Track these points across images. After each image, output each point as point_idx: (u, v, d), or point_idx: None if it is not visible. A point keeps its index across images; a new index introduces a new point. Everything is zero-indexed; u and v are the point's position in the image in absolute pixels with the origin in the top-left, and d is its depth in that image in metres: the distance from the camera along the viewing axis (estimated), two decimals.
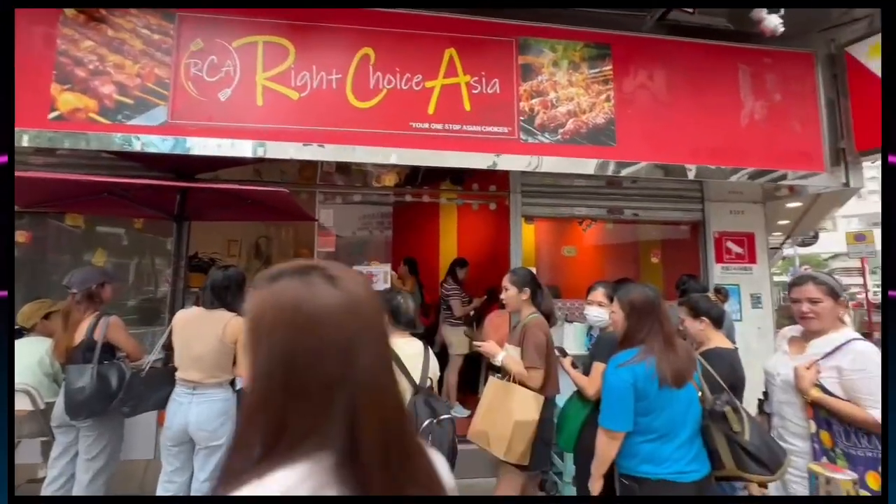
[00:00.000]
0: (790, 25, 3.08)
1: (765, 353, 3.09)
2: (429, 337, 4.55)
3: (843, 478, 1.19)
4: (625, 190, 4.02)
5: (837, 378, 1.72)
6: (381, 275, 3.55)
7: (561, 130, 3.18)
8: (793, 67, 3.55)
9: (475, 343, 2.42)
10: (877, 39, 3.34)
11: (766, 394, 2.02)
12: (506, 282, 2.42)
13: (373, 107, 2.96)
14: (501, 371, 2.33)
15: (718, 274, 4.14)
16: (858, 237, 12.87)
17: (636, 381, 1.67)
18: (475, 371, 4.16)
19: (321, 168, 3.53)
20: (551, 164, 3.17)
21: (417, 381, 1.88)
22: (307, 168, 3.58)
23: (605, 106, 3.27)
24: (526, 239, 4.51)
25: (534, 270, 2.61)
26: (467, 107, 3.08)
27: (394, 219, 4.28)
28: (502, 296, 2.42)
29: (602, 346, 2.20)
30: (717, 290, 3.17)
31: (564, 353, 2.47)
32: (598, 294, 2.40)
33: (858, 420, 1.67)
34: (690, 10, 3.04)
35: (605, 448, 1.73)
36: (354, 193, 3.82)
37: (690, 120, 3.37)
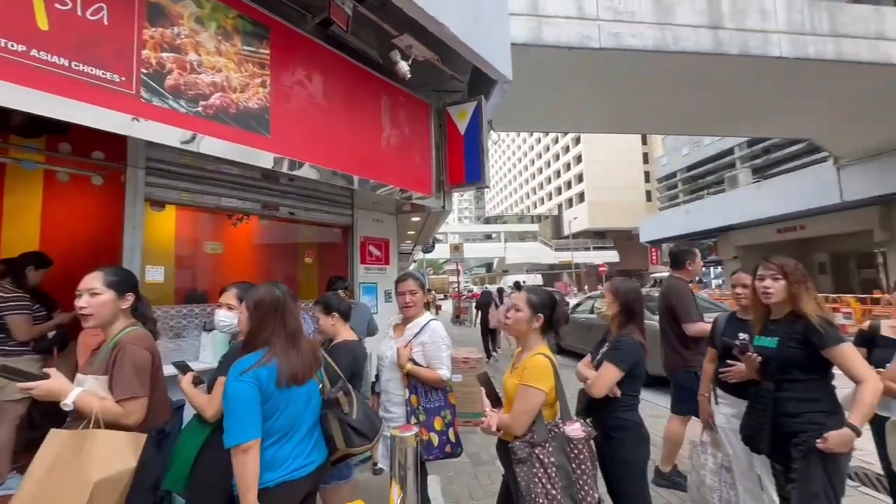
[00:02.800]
0: (415, 76, 3.86)
1: (381, 339, 3.71)
2: None
3: (407, 434, 1.52)
4: (281, 186, 3.89)
5: (422, 350, 2.25)
6: None
7: (203, 102, 2.66)
8: (416, 110, 4.50)
9: (19, 384, 1.59)
10: (463, 107, 4.72)
11: (377, 377, 2.39)
12: (96, 283, 1.71)
13: None
14: (78, 417, 1.62)
15: (362, 273, 4.69)
16: (456, 248, 18.55)
17: (261, 385, 1.55)
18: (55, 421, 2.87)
19: None
20: (213, 144, 2.62)
21: None
22: None
23: (260, 91, 3.00)
24: (159, 229, 3.59)
25: (140, 267, 2.00)
26: (43, 24, 2.06)
27: None
28: (82, 303, 1.69)
29: (230, 357, 1.91)
30: (346, 288, 3.54)
31: (186, 369, 2.01)
32: (230, 296, 2.10)
33: (433, 380, 2.24)
34: (344, 28, 3.25)
35: (243, 469, 1.47)
36: None
37: (344, 130, 3.62)
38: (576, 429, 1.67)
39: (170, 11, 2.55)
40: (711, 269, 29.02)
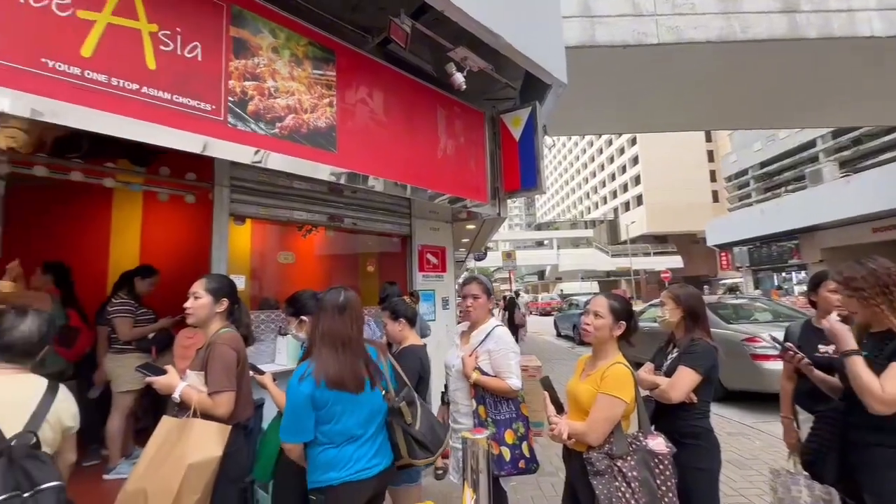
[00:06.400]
0: (470, 87, 3.94)
1: (449, 347, 3.76)
2: (85, 375, 3.26)
3: (479, 437, 1.49)
4: (346, 199, 4.10)
5: (489, 359, 2.19)
6: None
7: (279, 124, 2.90)
8: (471, 120, 4.57)
9: (147, 379, 1.81)
10: (517, 114, 4.73)
11: (447, 386, 2.38)
12: (198, 288, 1.94)
13: None
14: (183, 408, 1.82)
15: (420, 281, 4.81)
16: (508, 255, 18.37)
17: (314, 392, 1.63)
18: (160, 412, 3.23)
19: None
20: (280, 160, 2.85)
21: (9, 435, 1.32)
22: None
23: (327, 111, 3.22)
24: (239, 242, 3.93)
25: (241, 280, 2.21)
26: (151, 64, 2.36)
27: (9, 200, 2.83)
28: (188, 304, 1.91)
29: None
30: (411, 294, 3.61)
31: (260, 372, 2.18)
32: None
33: (501, 389, 2.16)
34: (403, 46, 3.40)
35: (291, 456, 1.70)
36: None
37: (402, 143, 3.77)
38: (660, 443, 1.61)
39: (251, 44, 2.83)
40: (794, 273, 26.30)
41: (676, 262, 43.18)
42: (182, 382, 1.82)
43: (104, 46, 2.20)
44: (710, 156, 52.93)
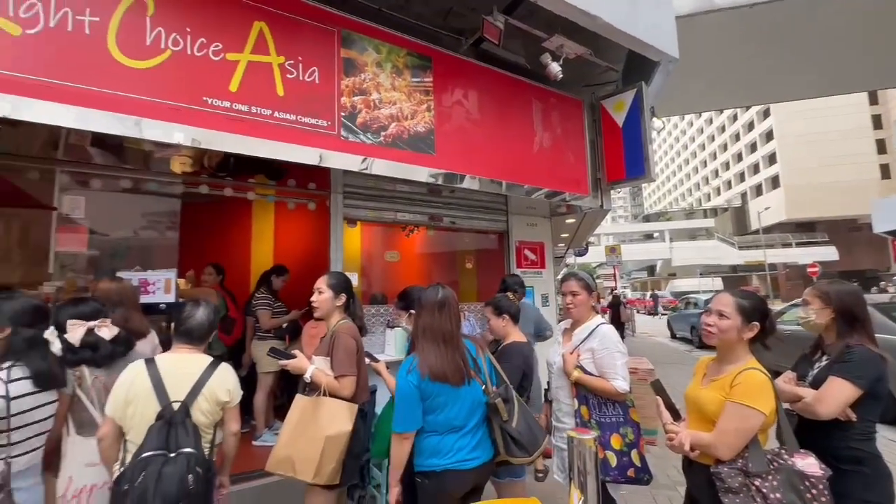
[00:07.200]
0: (567, 76, 3.78)
1: (551, 345, 3.67)
2: (237, 358, 3.90)
3: (586, 437, 1.42)
4: (444, 198, 4.26)
5: (592, 358, 2.08)
6: (162, 283, 2.84)
7: (384, 133, 3.14)
8: (568, 109, 4.39)
9: (280, 361, 2.11)
10: (620, 98, 4.41)
11: (549, 383, 2.33)
12: (322, 284, 2.21)
13: (149, 69, 2.34)
14: (310, 387, 2.09)
15: None
16: (612, 250, 17.21)
17: (420, 383, 1.73)
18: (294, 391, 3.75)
19: (65, 139, 2.62)
20: (383, 166, 3.10)
21: (172, 399, 1.62)
22: (39, 136, 2.61)
23: (426, 115, 3.38)
24: (350, 243, 4.34)
25: (354, 277, 2.46)
26: (280, 91, 2.74)
27: (184, 215, 3.51)
28: (313, 299, 2.19)
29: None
30: (515, 290, 3.59)
31: (375, 359, 2.38)
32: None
33: (605, 391, 2.04)
34: (496, 43, 3.41)
35: (395, 452, 1.77)
36: (121, 177, 2.97)
37: (497, 140, 3.78)
38: (811, 464, 1.37)
39: (358, 62, 3.10)
40: None
41: (829, 253, 35.82)
42: (311, 366, 2.08)
43: (246, 81, 2.62)
44: (877, 121, 42.69)
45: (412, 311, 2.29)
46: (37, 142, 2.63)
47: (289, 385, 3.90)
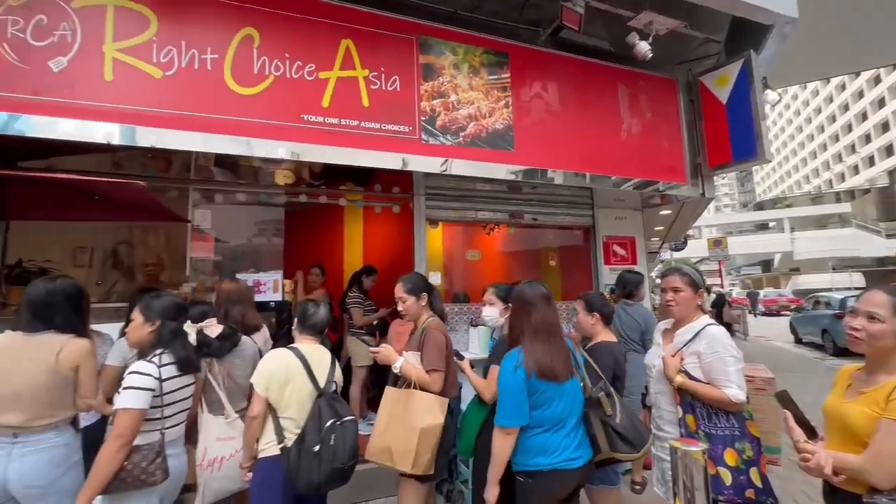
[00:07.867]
0: (657, 54, 3.47)
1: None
2: (336, 352, 4.25)
3: (694, 449, 1.29)
4: (525, 195, 4.18)
5: (698, 362, 1.86)
6: (271, 283, 3.19)
7: (462, 133, 3.18)
8: (660, 91, 4.02)
9: (370, 349, 2.26)
10: (723, 72, 3.93)
11: (647, 387, 2.14)
12: (401, 293, 2.30)
13: (257, 94, 2.65)
14: (401, 380, 2.19)
15: (607, 275, 4.49)
16: (717, 243, 15.34)
17: (527, 379, 1.69)
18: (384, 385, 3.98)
19: (195, 161, 3.09)
20: (461, 166, 3.16)
21: (322, 385, 1.94)
22: (177, 160, 3.10)
23: (504, 112, 3.35)
24: (432, 243, 4.46)
25: (425, 273, 2.52)
26: (366, 102, 2.92)
27: (287, 222, 3.91)
28: (400, 308, 2.29)
29: (499, 348, 2.17)
30: (612, 290, 3.40)
31: (461, 357, 2.41)
32: (489, 294, 2.39)
33: (716, 399, 1.81)
34: (577, 29, 3.25)
35: (500, 447, 1.71)
36: (237, 192, 3.40)
37: (580, 131, 3.61)
38: None
39: (436, 66, 3.18)
40: None
41: None
42: (400, 358, 2.18)
43: (336, 96, 2.84)
44: None
45: (508, 304, 2.26)
46: (175, 165, 3.14)
47: (379, 378, 4.13)
